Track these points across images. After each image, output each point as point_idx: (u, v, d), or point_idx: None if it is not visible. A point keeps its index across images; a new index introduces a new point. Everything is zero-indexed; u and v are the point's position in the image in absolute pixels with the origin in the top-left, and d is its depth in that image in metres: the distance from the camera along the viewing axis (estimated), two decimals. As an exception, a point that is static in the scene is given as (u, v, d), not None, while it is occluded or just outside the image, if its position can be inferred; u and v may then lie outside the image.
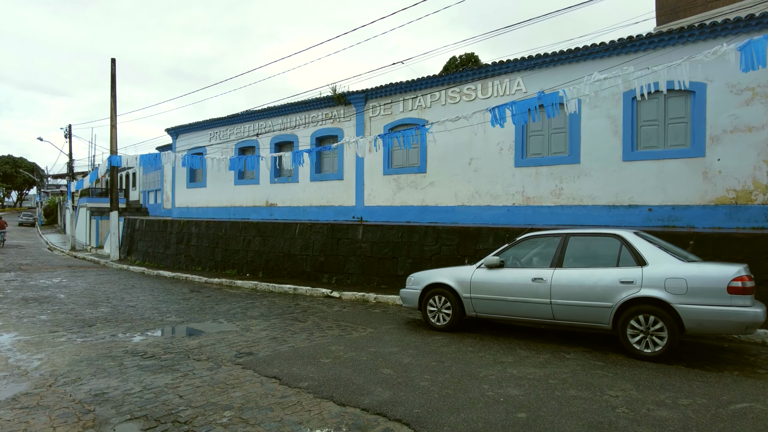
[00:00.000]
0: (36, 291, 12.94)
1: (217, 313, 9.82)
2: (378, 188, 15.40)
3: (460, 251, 11.57)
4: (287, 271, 14.88)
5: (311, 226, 14.58)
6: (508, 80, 12.94)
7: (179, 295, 12.30)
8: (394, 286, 12.43)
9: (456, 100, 13.78)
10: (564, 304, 6.67)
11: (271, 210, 18.57)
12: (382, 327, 8.25)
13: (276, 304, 10.92)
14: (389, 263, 12.69)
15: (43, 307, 10.47)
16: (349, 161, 16.13)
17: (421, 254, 12.17)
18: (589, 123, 11.77)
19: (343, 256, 13.65)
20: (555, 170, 12.26)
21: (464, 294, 7.55)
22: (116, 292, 12.86)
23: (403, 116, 14.82)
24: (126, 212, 28.74)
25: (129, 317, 9.34)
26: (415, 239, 12.36)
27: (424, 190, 14.36)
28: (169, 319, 9.13)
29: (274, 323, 8.73)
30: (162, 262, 19.37)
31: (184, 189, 22.52)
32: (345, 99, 15.87)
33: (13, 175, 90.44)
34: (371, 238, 13.16)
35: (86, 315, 9.57)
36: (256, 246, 15.89)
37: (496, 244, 11.07)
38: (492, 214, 13.11)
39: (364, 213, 15.68)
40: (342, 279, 13.47)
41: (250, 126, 19.26)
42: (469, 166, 13.51)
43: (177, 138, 22.85)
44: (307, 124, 17.31)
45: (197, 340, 7.44)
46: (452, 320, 7.67)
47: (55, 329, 8.29)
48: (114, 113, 22.16)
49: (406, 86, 14.58)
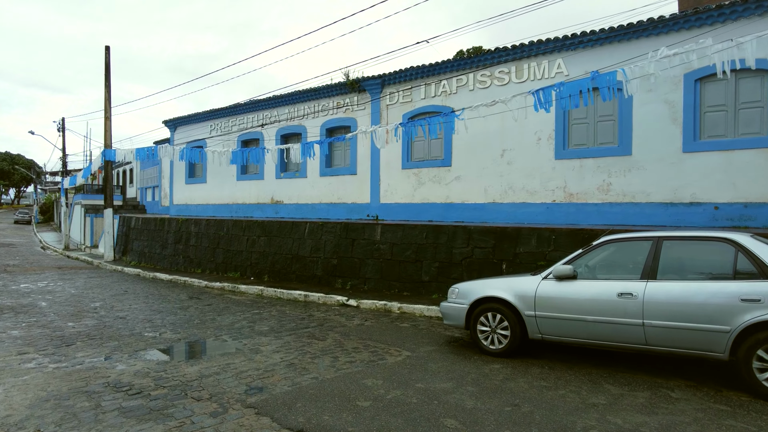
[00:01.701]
0: (15, 298, 11.52)
1: (219, 327, 8.40)
2: (396, 183, 13.96)
3: (497, 255, 10.15)
4: (296, 274, 13.46)
5: (322, 225, 13.16)
6: (547, 62, 11.50)
7: (176, 303, 10.89)
8: (418, 293, 11.02)
9: (486, 85, 12.34)
10: (662, 326, 5.25)
11: (276, 207, 17.13)
12: (420, 349, 6.83)
13: (287, 315, 9.50)
14: (412, 267, 11.26)
15: (18, 319, 9.05)
16: (363, 154, 14.69)
17: (449, 257, 10.75)
18: (643, 109, 10.34)
19: (358, 259, 12.23)
20: (602, 163, 10.83)
21: (527, 312, 6.13)
22: (106, 299, 11.44)
23: (424, 103, 13.37)
24: (122, 210, 27.30)
25: (116, 333, 7.92)
26: (443, 240, 10.94)
27: (448, 185, 12.92)
28: (163, 336, 7.71)
29: (287, 342, 7.31)
30: (159, 263, 17.95)
31: (183, 185, 21.08)
32: (359, 85, 14.43)
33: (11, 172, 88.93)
34: (391, 238, 11.73)
35: (66, 330, 8.14)
36: (261, 247, 14.47)
37: (540, 247, 9.66)
38: (528, 212, 11.69)
39: (379, 211, 14.25)
40: (358, 284, 12.06)
41: (254, 116, 17.81)
42: (501, 159, 12.07)
43: (175, 130, 21.41)
44: (317, 113, 15.87)
45: (197, 367, 6.02)
46: (511, 343, 6.25)
47: (25, 350, 6.87)
48: (108, 104, 20.72)
49: (428, 70, 13.13)
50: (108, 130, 20.43)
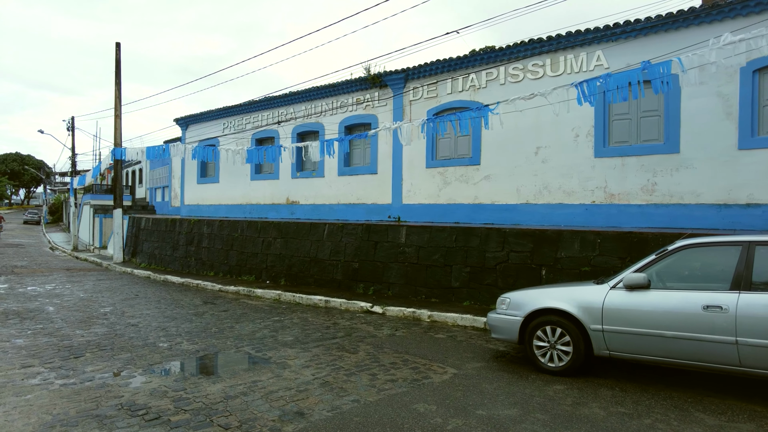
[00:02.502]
0: (22, 302, 10.94)
1: (239, 337, 7.73)
2: (419, 183, 13.27)
3: (535, 259, 9.42)
4: (314, 278, 12.79)
5: (342, 227, 12.49)
6: (585, 54, 10.77)
7: (190, 309, 10.26)
8: (447, 299, 10.32)
9: (518, 78, 11.63)
10: (761, 345, 4.53)
11: (292, 208, 16.49)
12: (466, 366, 6.13)
13: (310, 323, 8.84)
14: (440, 272, 10.56)
15: (24, 326, 8.44)
16: (384, 152, 14.02)
17: (481, 262, 10.04)
18: (692, 103, 9.59)
19: (381, 263, 11.54)
20: (646, 161, 10.08)
21: (593, 325, 5.41)
22: (116, 303, 10.83)
23: (451, 98, 12.68)
24: (131, 210, 26.78)
25: (129, 342, 7.28)
26: (474, 243, 10.23)
27: (477, 185, 12.21)
28: (179, 347, 7.06)
29: (316, 355, 6.63)
30: (170, 265, 17.35)
31: (195, 185, 20.50)
32: (381, 80, 13.76)
33: (21, 173, 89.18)
34: (417, 241, 11.04)
35: (75, 339, 7.51)
36: (277, 249, 13.82)
37: (583, 252, 8.93)
38: (565, 213, 10.95)
39: (401, 212, 13.57)
40: (381, 290, 11.37)
41: (269, 114, 17.19)
42: (535, 157, 11.35)
43: (187, 129, 20.84)
44: (335, 110, 15.22)
45: (220, 385, 5.35)
46: (573, 361, 5.53)
47: (30, 362, 6.24)
48: (118, 102, 20.21)
49: (456, 63, 12.44)
50: (118, 128, 19.93)
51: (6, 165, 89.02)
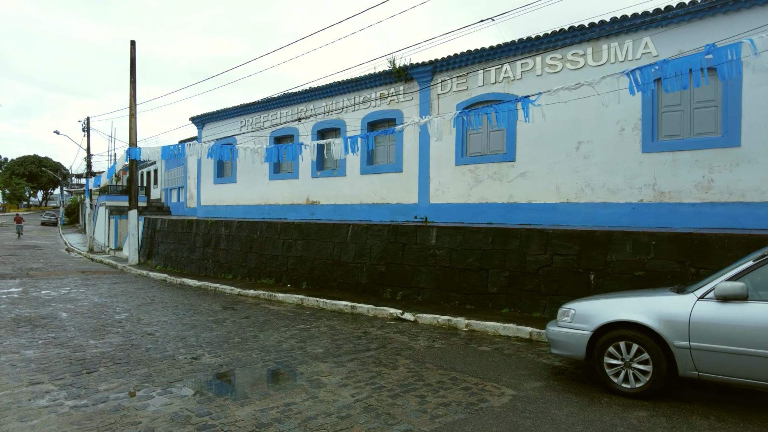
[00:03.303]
0: (35, 307, 10.44)
1: (265, 347, 7.10)
2: (448, 181, 12.56)
3: (582, 263, 8.66)
4: (337, 282, 12.15)
5: (367, 228, 11.82)
6: (631, 41, 9.98)
7: (209, 315, 9.67)
8: (483, 306, 9.60)
9: (557, 69, 10.87)
10: None
11: (312, 208, 15.88)
12: (524, 385, 5.42)
13: (338, 332, 8.18)
14: (475, 276, 9.85)
15: (35, 334, 7.90)
16: (410, 149, 13.33)
17: (522, 266, 9.30)
18: (755, 92, 8.77)
19: (410, 266, 10.85)
20: (701, 156, 9.27)
21: (677, 342, 4.67)
22: (132, 309, 10.28)
23: (482, 91, 11.95)
24: (146, 211, 26.42)
25: (145, 355, 6.68)
26: (513, 246, 9.49)
27: (511, 183, 11.47)
28: (201, 361, 6.44)
29: (352, 371, 5.97)
30: (186, 267, 16.84)
31: (211, 185, 20.00)
32: (406, 73, 13.08)
33: (38, 175, 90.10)
34: (449, 243, 10.33)
35: (88, 350, 6.94)
36: (298, 251, 13.20)
37: (637, 255, 8.15)
38: (609, 213, 10.17)
39: (428, 212, 12.87)
40: (410, 295, 10.68)
41: (288, 111, 16.60)
42: (576, 152, 10.59)
43: (203, 128, 20.36)
44: (357, 106, 14.57)
45: (249, 409, 4.71)
46: (653, 382, 4.79)
47: (39, 378, 5.66)
48: (133, 101, 19.78)
49: (488, 53, 11.71)
50: (133, 127, 19.49)
51: (24, 167, 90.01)
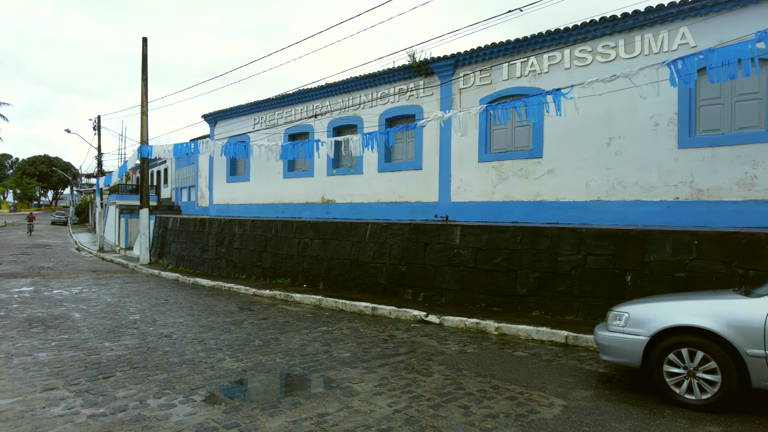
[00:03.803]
0: (47, 307, 10.16)
1: (288, 351, 6.74)
2: (471, 179, 12.15)
3: (618, 264, 8.23)
4: (355, 282, 11.78)
5: (387, 227, 11.44)
6: (667, 32, 9.54)
7: (226, 316, 9.33)
8: (512, 308, 9.19)
9: (586, 62, 10.44)
10: None
11: (327, 207, 15.53)
12: (573, 394, 5.01)
13: (363, 335, 7.81)
14: (503, 277, 9.44)
15: (48, 336, 7.59)
16: (430, 146, 12.94)
17: (553, 266, 8.88)
18: (801, 83, 8.31)
19: (432, 266, 10.46)
20: (743, 152, 8.81)
21: (751, 350, 4.25)
22: (146, 309, 9.97)
23: (507, 85, 11.54)
24: (157, 210, 26.19)
25: (163, 359, 6.34)
26: (543, 245, 9.08)
27: (538, 180, 11.05)
28: (222, 365, 6.08)
29: (384, 378, 5.59)
30: (199, 267, 16.54)
31: (224, 183, 19.71)
32: (427, 68, 12.69)
33: (49, 175, 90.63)
34: (474, 242, 9.93)
35: (103, 353, 6.61)
36: (315, 251, 12.84)
37: (677, 255, 7.71)
38: (642, 212, 9.73)
39: (449, 211, 12.47)
40: (432, 296, 10.29)
41: (303, 108, 16.26)
42: (607, 148, 10.15)
43: (215, 125, 20.08)
44: (374, 101, 14.20)
45: (279, 420, 4.34)
46: (723, 393, 4.37)
47: (53, 384, 5.33)
48: (145, 98, 19.53)
49: (513, 46, 11.29)
50: (144, 125, 19.24)
51: (35, 167, 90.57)
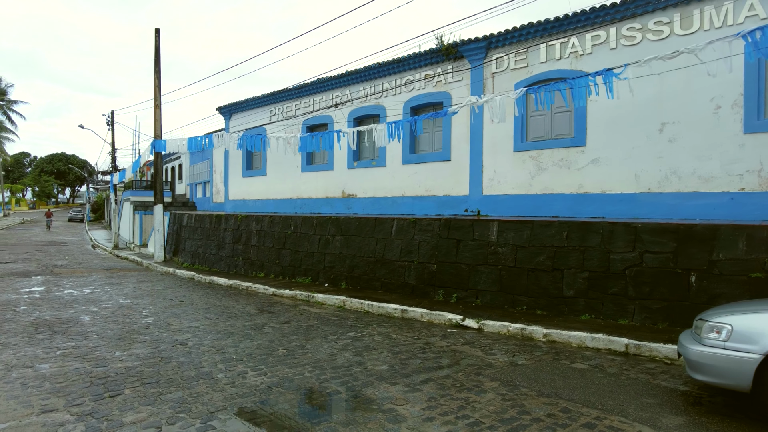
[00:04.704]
0: (56, 309, 9.56)
1: (317, 364, 5.99)
2: (505, 170, 11.29)
3: (680, 263, 7.34)
4: (380, 282, 11.02)
5: (414, 223, 10.65)
6: (731, 3, 8.56)
7: (246, 320, 8.63)
8: (557, 311, 8.35)
9: (635, 41, 9.51)
10: None
11: (348, 202, 14.78)
12: (661, 419, 4.19)
13: (396, 342, 7.04)
14: (547, 277, 8.59)
15: (53, 343, 6.95)
16: (460, 135, 12.10)
17: (604, 265, 8.01)
18: None
19: (466, 265, 9.65)
20: (821, 136, 7.85)
21: None
22: (159, 312, 9.32)
23: (545, 68, 10.65)
24: (171, 207, 25.68)
25: (178, 372, 5.63)
26: (593, 242, 8.21)
27: (581, 170, 10.16)
28: (244, 381, 5.35)
29: (432, 398, 4.81)
30: (215, 265, 15.92)
31: (239, 178, 19.07)
32: (456, 51, 11.83)
33: (66, 172, 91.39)
34: (514, 239, 9.09)
35: (112, 364, 5.93)
36: (337, 248, 12.10)
37: (753, 253, 6.80)
38: (701, 204, 8.80)
39: (481, 205, 11.63)
40: (466, 298, 9.49)
41: (322, 98, 15.51)
42: (659, 135, 9.23)
43: (230, 118, 19.43)
44: (398, 89, 13.38)
45: (316, 456, 3.59)
46: None
47: (53, 404, 4.64)
48: (158, 91, 18.94)
49: (552, 25, 10.39)
50: (158, 119, 18.67)
51: (53, 165, 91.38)
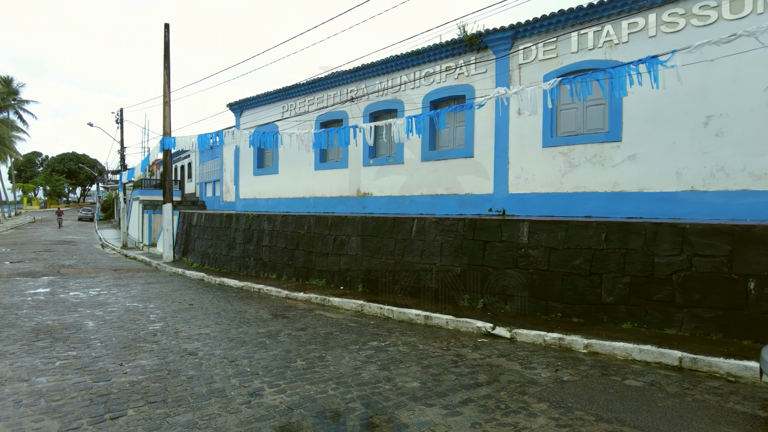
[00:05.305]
0: (60, 313, 9.07)
1: (340, 379, 5.41)
2: (533, 167, 10.65)
3: (736, 267, 6.67)
4: (400, 285, 10.41)
5: (436, 223, 10.04)
6: (786, -17, 7.89)
7: (259, 326, 8.07)
8: (595, 319, 7.70)
9: (677, 27, 8.83)
10: None
11: (363, 201, 14.19)
12: (758, 460, 3.56)
13: (424, 353, 6.45)
14: (584, 282, 7.95)
15: (53, 352, 6.43)
16: (483, 130, 11.47)
17: (648, 270, 7.35)
18: None
19: (494, 268, 9.03)
20: None
21: None
22: (168, 316, 8.79)
23: (577, 59, 10.00)
24: (181, 206, 25.26)
25: (187, 389, 5.07)
26: (635, 245, 7.55)
27: (616, 167, 9.50)
28: (260, 399, 4.78)
29: (477, 424, 4.21)
30: (225, 266, 15.41)
31: (250, 176, 18.56)
32: (480, 41, 11.20)
33: (77, 171, 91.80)
34: (547, 241, 8.45)
35: (114, 378, 5.38)
36: (353, 249, 11.52)
37: (822, 257, 6.11)
38: (751, 203, 8.11)
39: (507, 204, 11.00)
40: (494, 303, 8.86)
41: (336, 93, 14.94)
42: (704, 129, 8.55)
43: (241, 115, 18.93)
44: (417, 82, 12.78)
45: (351, 502, 3.00)
46: None
47: (47, 426, 4.10)
48: (167, 88, 18.48)
49: (585, 13, 9.73)
50: (167, 115, 18.20)
51: (64, 164, 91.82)
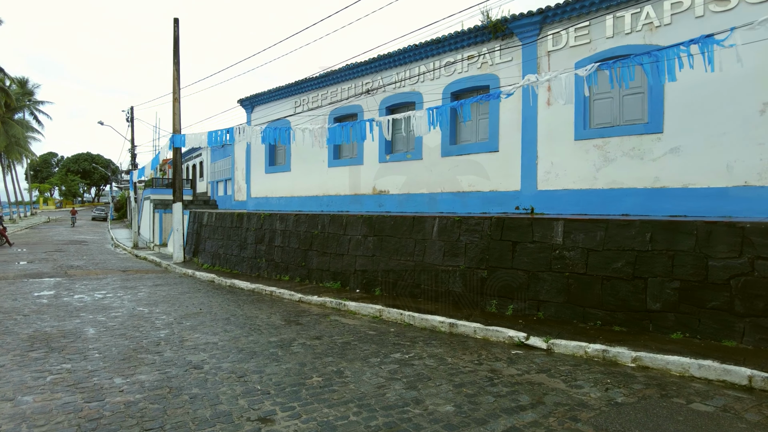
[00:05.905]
0: (61, 318, 8.55)
1: (362, 400, 4.76)
2: (564, 162, 9.91)
3: (808, 271, 5.90)
4: (420, 288, 9.75)
5: (460, 222, 9.35)
6: None
7: (270, 333, 7.46)
8: (640, 328, 6.97)
9: (728, 6, 8.04)
10: None
11: (379, 199, 13.54)
12: None
13: (453, 368, 5.78)
14: (626, 287, 7.21)
15: (47, 363, 5.88)
16: (509, 122, 10.74)
17: (701, 273, 6.60)
18: None
19: (524, 271, 8.32)
20: None
21: None
22: (173, 323, 8.22)
23: (612, 44, 9.23)
24: (192, 205, 24.85)
25: (189, 410, 4.46)
26: (685, 245, 6.80)
27: (657, 161, 8.73)
28: (272, 426, 4.15)
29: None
30: (236, 266, 14.86)
31: (262, 174, 18.00)
32: (505, 28, 10.47)
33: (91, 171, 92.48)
34: (584, 241, 7.72)
35: (108, 398, 4.79)
36: (369, 250, 10.88)
37: None
38: (816, 200, 7.32)
39: (535, 201, 10.27)
40: (525, 309, 8.16)
41: (351, 86, 14.29)
42: (759, 117, 7.75)
43: (252, 110, 18.37)
44: (436, 72, 12.08)
45: None
46: None
47: (23, 462, 3.51)
48: (177, 84, 18.00)
49: (623, -7, 8.97)
50: (177, 112, 17.72)
51: (78, 164, 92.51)
